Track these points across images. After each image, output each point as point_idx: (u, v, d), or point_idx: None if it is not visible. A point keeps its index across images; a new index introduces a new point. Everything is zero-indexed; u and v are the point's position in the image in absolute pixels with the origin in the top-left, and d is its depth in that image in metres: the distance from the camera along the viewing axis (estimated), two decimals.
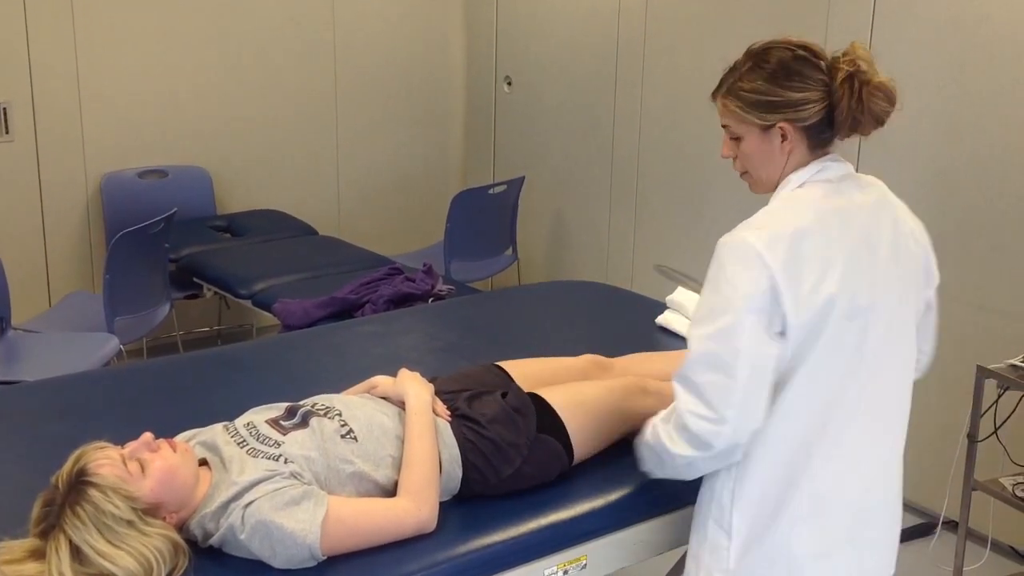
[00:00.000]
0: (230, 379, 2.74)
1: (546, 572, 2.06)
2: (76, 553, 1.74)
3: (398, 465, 2.04)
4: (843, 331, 1.85)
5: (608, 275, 4.87)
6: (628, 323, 3.06)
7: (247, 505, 1.85)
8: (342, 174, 5.56)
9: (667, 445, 1.90)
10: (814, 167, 1.92)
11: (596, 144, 4.96)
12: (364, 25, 5.46)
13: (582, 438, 2.21)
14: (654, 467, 2.00)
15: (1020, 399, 3.06)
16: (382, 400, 2.19)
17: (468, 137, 5.83)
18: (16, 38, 4.56)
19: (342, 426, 2.08)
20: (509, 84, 5.47)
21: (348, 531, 1.89)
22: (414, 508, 1.95)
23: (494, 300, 3.81)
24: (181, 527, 1.89)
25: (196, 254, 4.69)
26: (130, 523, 1.78)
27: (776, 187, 1.94)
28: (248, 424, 2.06)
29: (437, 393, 2.26)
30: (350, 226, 5.53)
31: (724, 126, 1.95)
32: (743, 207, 2.00)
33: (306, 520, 1.83)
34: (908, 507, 3.76)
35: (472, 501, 2.09)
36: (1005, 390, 3.00)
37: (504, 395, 2.27)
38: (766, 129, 1.89)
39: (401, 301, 3.85)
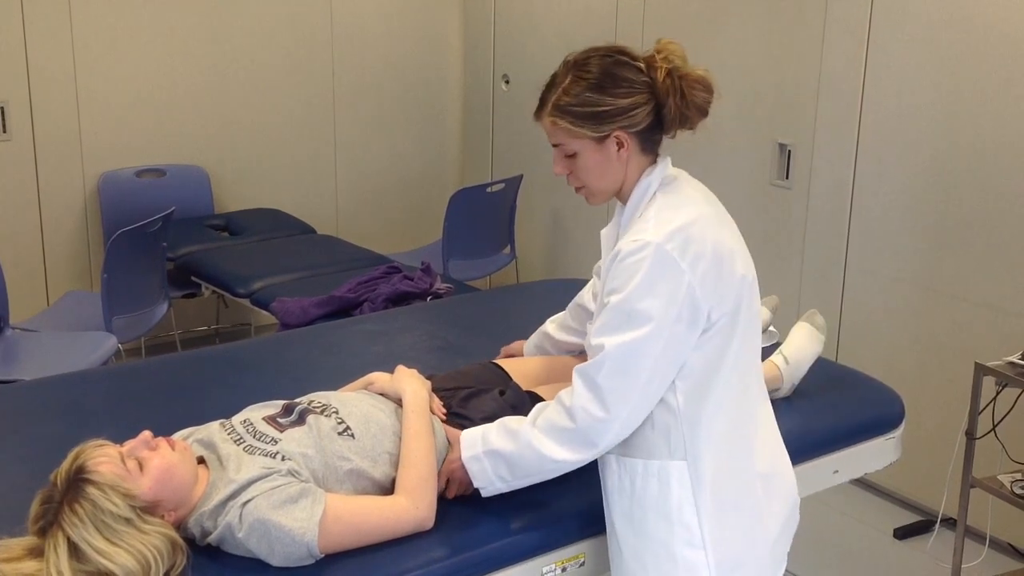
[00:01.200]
0: (228, 378, 2.74)
1: (544, 570, 2.06)
2: (74, 551, 1.74)
3: (396, 462, 2.04)
4: (748, 307, 1.90)
5: None
6: None
7: (245, 503, 1.85)
8: (340, 173, 5.55)
9: (543, 451, 1.89)
10: (663, 164, 1.93)
11: None
12: (362, 24, 5.45)
13: None
14: (508, 475, 1.96)
15: (1018, 396, 3.06)
16: (379, 397, 2.19)
17: (466, 136, 5.83)
18: (13, 37, 4.56)
19: (339, 423, 2.08)
20: (507, 83, 5.47)
21: (346, 529, 1.89)
22: (412, 507, 1.95)
23: (492, 298, 3.81)
24: (179, 525, 1.89)
25: (194, 253, 4.68)
26: (128, 521, 1.77)
27: (617, 195, 1.94)
28: (245, 421, 2.06)
29: (435, 391, 2.26)
30: (348, 225, 5.53)
31: (555, 145, 1.93)
32: (740, 203, 2.01)
33: (304, 518, 1.83)
34: (906, 504, 3.79)
35: (470, 498, 2.09)
36: (1003, 387, 3.00)
37: (502, 393, 2.27)
38: (601, 140, 1.88)
39: (399, 300, 3.85)
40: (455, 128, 5.87)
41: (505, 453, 1.95)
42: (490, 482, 1.99)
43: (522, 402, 2.23)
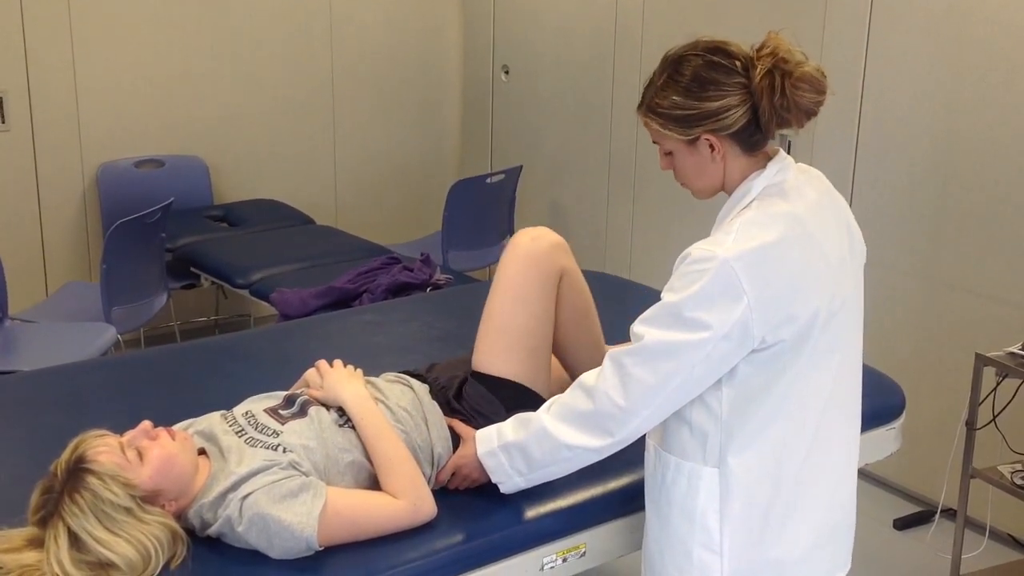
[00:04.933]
0: (228, 368, 2.73)
1: (545, 560, 2.06)
2: (74, 541, 1.74)
3: None
4: (823, 335, 1.83)
5: (606, 264, 4.87)
6: (625, 311, 3.05)
7: (244, 497, 1.85)
8: (339, 163, 5.55)
9: (556, 435, 1.88)
10: (772, 168, 1.85)
11: (594, 133, 4.95)
12: (360, 14, 5.44)
13: None
14: (529, 467, 1.96)
15: (1019, 387, 3.06)
16: (377, 388, 2.18)
17: (465, 126, 5.82)
18: (12, 26, 4.54)
19: (340, 415, 2.08)
20: (506, 73, 5.45)
21: (345, 524, 1.89)
22: (411, 507, 1.95)
23: None
24: (180, 516, 1.89)
25: (193, 244, 4.68)
26: (128, 511, 1.77)
27: (721, 191, 1.88)
28: (247, 413, 2.06)
29: (435, 381, 2.26)
30: (347, 216, 5.52)
31: (655, 142, 1.89)
32: None
33: (303, 513, 1.83)
34: (906, 495, 3.79)
35: (472, 490, 2.09)
36: (1004, 378, 2.99)
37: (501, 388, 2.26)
38: (691, 142, 1.83)
39: (399, 290, 3.84)
40: (454, 119, 5.86)
41: (519, 443, 1.94)
42: (508, 476, 1.99)
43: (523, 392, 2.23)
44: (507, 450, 1.96)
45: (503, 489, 2.01)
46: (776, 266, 1.77)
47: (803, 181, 1.89)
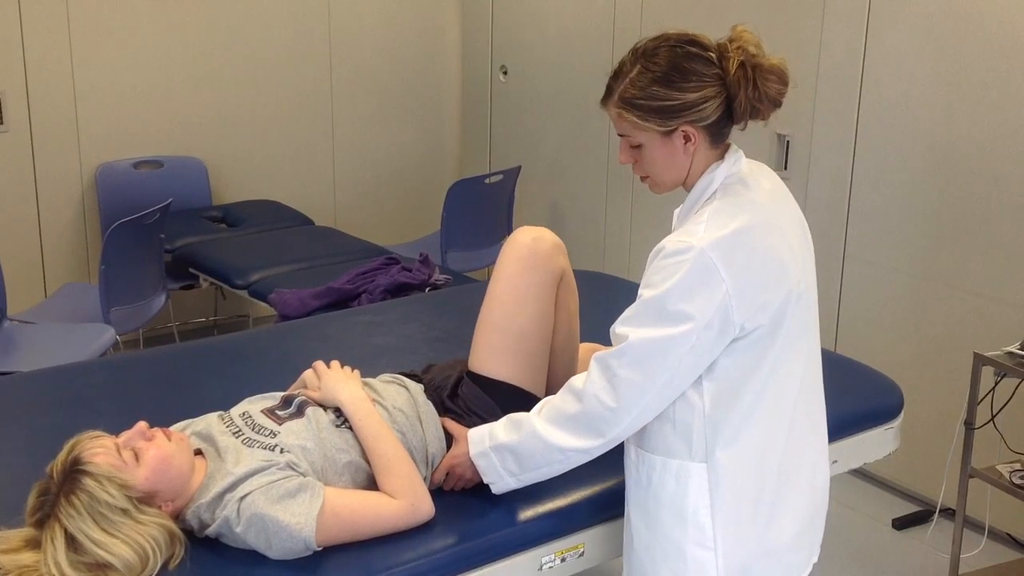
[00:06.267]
0: (226, 369, 2.73)
1: (544, 560, 2.06)
2: (71, 542, 1.74)
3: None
4: (794, 318, 1.86)
5: (604, 264, 4.87)
6: (623, 312, 3.06)
7: (242, 498, 1.84)
8: (338, 164, 5.55)
9: (548, 439, 1.88)
10: (731, 159, 1.88)
11: (592, 133, 4.95)
12: (359, 14, 5.44)
13: None
14: (519, 467, 1.96)
15: (1017, 386, 3.06)
16: (374, 389, 2.18)
17: (464, 127, 5.82)
18: (10, 27, 4.54)
19: (337, 416, 2.08)
20: (505, 73, 5.45)
21: (343, 524, 1.89)
22: (409, 507, 1.95)
23: None
24: (177, 516, 1.89)
25: (192, 245, 4.68)
26: (125, 511, 1.77)
27: (683, 185, 1.90)
28: (244, 414, 2.06)
29: (430, 382, 2.26)
30: (346, 216, 5.52)
31: (621, 135, 1.88)
32: None
33: (302, 514, 1.83)
34: (905, 495, 3.79)
35: (470, 490, 2.09)
36: (1002, 377, 2.99)
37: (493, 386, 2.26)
38: (668, 134, 1.83)
39: (398, 291, 3.85)
40: (453, 119, 5.86)
41: (511, 445, 1.95)
42: (500, 477, 1.99)
43: (519, 398, 2.23)
44: (499, 451, 1.97)
45: (495, 490, 2.02)
46: (749, 252, 1.79)
47: (755, 170, 1.92)
